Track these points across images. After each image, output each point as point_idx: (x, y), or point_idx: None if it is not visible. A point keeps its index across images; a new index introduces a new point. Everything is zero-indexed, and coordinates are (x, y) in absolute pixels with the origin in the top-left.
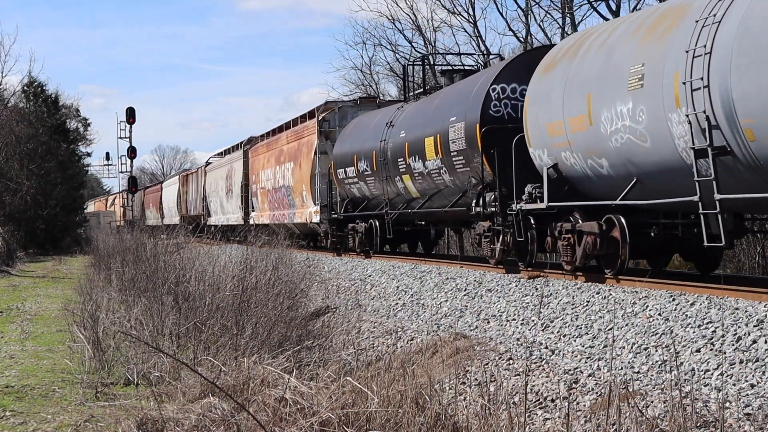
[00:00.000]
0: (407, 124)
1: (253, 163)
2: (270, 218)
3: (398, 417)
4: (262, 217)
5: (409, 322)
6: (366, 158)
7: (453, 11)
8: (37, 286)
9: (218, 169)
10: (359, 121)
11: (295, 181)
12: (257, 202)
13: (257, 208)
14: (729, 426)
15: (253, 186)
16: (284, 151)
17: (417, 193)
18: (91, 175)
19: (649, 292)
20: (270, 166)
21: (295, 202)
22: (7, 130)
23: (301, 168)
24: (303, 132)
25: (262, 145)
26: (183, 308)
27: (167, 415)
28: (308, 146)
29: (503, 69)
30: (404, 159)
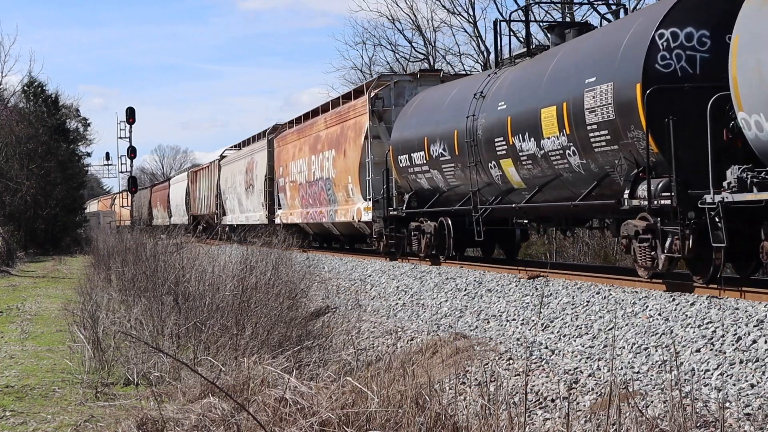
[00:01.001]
0: (508, 94)
1: (280, 154)
2: (302, 217)
3: (398, 417)
4: (291, 216)
5: (409, 322)
6: (443, 140)
7: (453, 11)
8: (37, 286)
9: (236, 163)
10: (426, 97)
11: (337, 172)
12: (285, 199)
13: (285, 205)
14: (729, 426)
15: (281, 180)
16: (322, 138)
17: (520, 182)
18: (91, 175)
19: (649, 292)
20: (302, 155)
21: (336, 198)
22: (7, 130)
23: (345, 156)
24: (348, 113)
25: (291, 132)
26: (183, 308)
27: (167, 415)
28: (356, 129)
29: (673, 7)
30: (504, 139)
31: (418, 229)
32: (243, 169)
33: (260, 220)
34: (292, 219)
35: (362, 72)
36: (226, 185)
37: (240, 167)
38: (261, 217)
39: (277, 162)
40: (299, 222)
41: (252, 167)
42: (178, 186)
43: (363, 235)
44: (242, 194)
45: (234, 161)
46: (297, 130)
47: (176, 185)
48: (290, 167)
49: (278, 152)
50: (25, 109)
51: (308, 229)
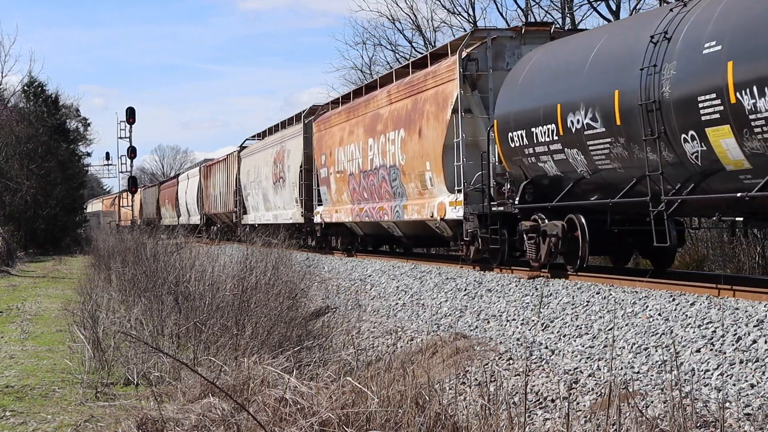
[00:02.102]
0: (724, 28)
1: (322, 140)
2: (352, 214)
3: (398, 417)
4: (336, 213)
5: (409, 322)
6: (592, 107)
7: (453, 11)
8: (37, 286)
9: (260, 153)
10: (547, 56)
11: (408, 158)
12: (328, 193)
13: (328, 200)
14: (729, 426)
15: (323, 171)
16: (384, 116)
17: (741, 160)
18: (91, 175)
19: (649, 292)
20: (354, 139)
21: (405, 190)
22: (7, 130)
23: (421, 137)
24: (425, 82)
25: (337, 113)
26: (183, 308)
27: (167, 415)
28: (438, 101)
29: None
30: (719, 95)
31: (535, 231)
32: (270, 160)
33: (293, 218)
34: (337, 217)
35: (362, 72)
36: (247, 179)
37: (266, 158)
38: (294, 215)
39: (317, 149)
40: (347, 221)
41: (282, 157)
42: (189, 182)
43: (435, 238)
44: (269, 189)
45: (258, 152)
46: (346, 109)
47: (186, 182)
48: (336, 155)
49: (319, 138)
50: (25, 109)
51: (358, 229)
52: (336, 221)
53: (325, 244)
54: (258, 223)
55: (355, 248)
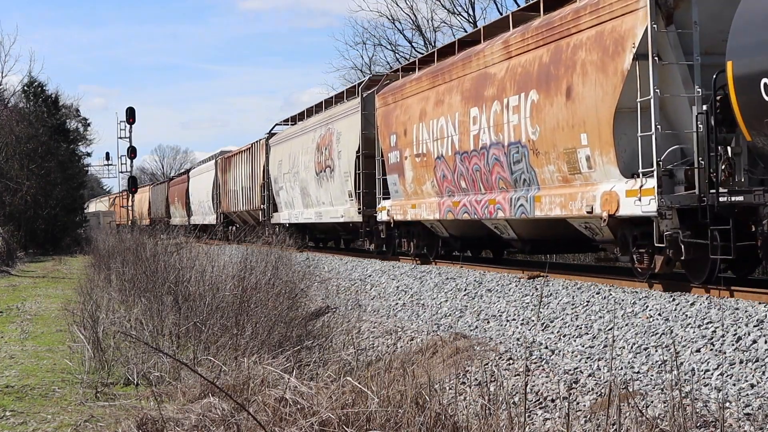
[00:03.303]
0: None
1: (390, 115)
2: (440, 210)
3: (398, 417)
4: (415, 209)
5: (409, 322)
6: None
7: (453, 11)
8: (37, 286)
9: (297, 139)
10: None
11: (545, 130)
12: (401, 183)
13: (400, 192)
14: (729, 426)
15: (392, 155)
16: (497, 76)
17: None
18: (91, 175)
19: (649, 292)
20: (445, 111)
21: (537, 176)
22: (7, 130)
23: (571, 99)
24: (577, 21)
25: (413, 80)
26: (183, 308)
27: (167, 415)
28: (604, 46)
29: None
30: None
31: None
32: (311, 146)
33: (345, 216)
34: (415, 214)
35: (362, 72)
36: (279, 171)
37: (305, 144)
38: (347, 213)
39: (383, 129)
40: (430, 218)
41: (329, 142)
42: (202, 178)
43: (576, 241)
44: (309, 181)
45: (293, 138)
46: (430, 73)
47: (198, 177)
48: (415, 133)
49: (385, 114)
50: (25, 109)
51: (441, 230)
52: (412, 219)
53: (390, 247)
54: (293, 222)
55: (435, 253)
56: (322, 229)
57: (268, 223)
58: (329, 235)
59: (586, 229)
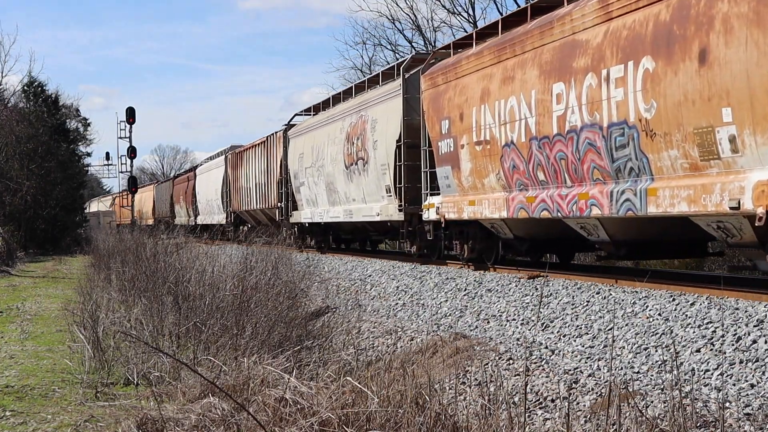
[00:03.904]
0: None
1: (441, 98)
2: (508, 207)
3: (398, 417)
4: (473, 206)
5: (409, 322)
6: None
7: (453, 11)
8: (37, 286)
9: (321, 129)
10: None
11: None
12: (456, 176)
13: (454, 187)
14: (729, 426)
15: (443, 144)
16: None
17: None
18: (91, 175)
19: (649, 292)
20: (517, 89)
21: (652, 164)
22: (7, 130)
23: (706, 65)
24: None
25: (471, 55)
26: (183, 308)
27: (167, 415)
28: None
29: None
30: None
31: None
32: (339, 136)
33: (383, 214)
34: (474, 212)
35: (362, 72)
36: (299, 165)
37: (332, 134)
38: (386, 211)
39: (431, 113)
40: (495, 217)
41: (362, 131)
42: (210, 175)
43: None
44: (337, 176)
45: (317, 128)
46: (494, 46)
47: (206, 175)
48: (475, 117)
49: (433, 96)
50: (25, 109)
51: (505, 230)
52: (469, 217)
53: (436, 250)
54: (317, 221)
55: (495, 257)
56: (347, 229)
57: (286, 223)
58: (356, 236)
59: (717, 229)
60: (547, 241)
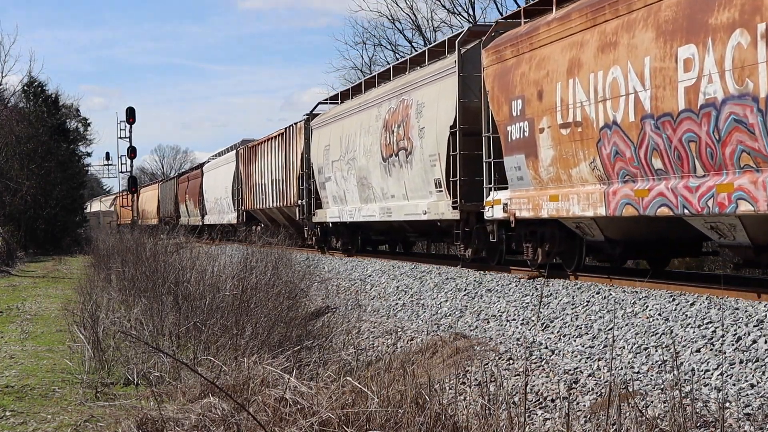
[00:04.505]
0: None
1: (509, 75)
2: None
3: (398, 417)
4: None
5: (409, 322)
6: None
7: (453, 11)
8: (37, 286)
9: (352, 117)
10: None
11: None
12: (532, 166)
13: (528, 179)
14: (729, 426)
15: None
16: None
17: None
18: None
19: (649, 292)
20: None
21: None
22: (7, 130)
23: None
24: None
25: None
26: (183, 308)
27: (167, 415)
28: None
29: None
30: None
31: None
32: (374, 124)
33: (432, 212)
34: (558, 209)
35: (362, 72)
36: (324, 159)
37: (365, 123)
38: (434, 208)
39: (496, 93)
40: (588, 214)
41: (404, 117)
42: (219, 172)
43: None
44: (372, 169)
45: (345, 116)
46: (586, 7)
47: (214, 172)
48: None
49: (500, 73)
50: (25, 109)
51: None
52: (551, 216)
53: (496, 254)
54: (346, 220)
55: (577, 263)
56: (379, 229)
57: (308, 222)
58: (390, 237)
59: None
60: (646, 243)
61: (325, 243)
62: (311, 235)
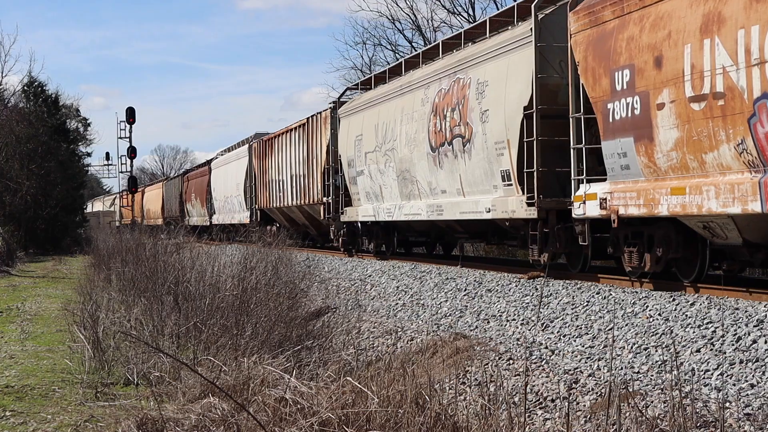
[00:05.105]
0: None
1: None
2: None
3: (398, 417)
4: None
5: (409, 322)
6: None
7: (453, 11)
8: (37, 286)
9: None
10: None
11: None
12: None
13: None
14: (729, 426)
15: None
16: None
17: None
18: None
19: (649, 292)
20: None
21: None
22: (7, 130)
23: None
24: None
25: None
26: (183, 308)
27: (167, 415)
28: None
29: None
30: None
31: None
32: (420, 109)
33: (499, 210)
34: (681, 204)
35: (362, 72)
36: (356, 150)
37: (407, 108)
38: (503, 205)
39: (590, 64)
40: (733, 211)
41: (460, 99)
42: (229, 168)
43: None
44: (417, 161)
45: (382, 101)
46: None
47: (224, 168)
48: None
49: (596, 39)
50: (25, 109)
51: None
52: (671, 213)
53: (580, 260)
54: (384, 219)
55: (699, 272)
56: (420, 229)
57: (334, 222)
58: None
59: None
60: None
61: (352, 245)
62: (337, 237)
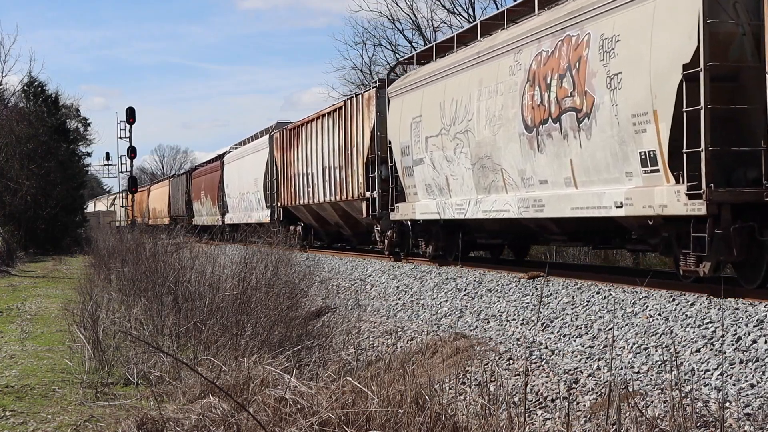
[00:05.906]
0: None
1: None
2: None
3: (398, 417)
4: None
5: (409, 322)
6: None
7: (453, 11)
8: (37, 286)
9: (459, 76)
10: None
11: None
12: None
13: None
14: (729, 426)
15: None
16: None
17: None
18: (91, 175)
19: (649, 292)
20: None
21: None
22: (7, 130)
23: None
24: None
25: None
26: (183, 308)
27: (167, 415)
28: None
29: None
30: None
31: None
32: (508, 80)
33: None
34: None
35: (362, 72)
36: (413, 135)
37: (486, 80)
38: (643, 198)
39: None
40: None
41: (570, 63)
42: (244, 162)
43: None
44: (503, 145)
45: (448, 75)
46: None
47: (238, 162)
48: None
49: None
50: (25, 109)
51: None
52: None
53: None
54: (453, 217)
55: None
56: (493, 229)
57: (381, 221)
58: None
59: None
60: None
61: (402, 248)
62: (383, 238)
